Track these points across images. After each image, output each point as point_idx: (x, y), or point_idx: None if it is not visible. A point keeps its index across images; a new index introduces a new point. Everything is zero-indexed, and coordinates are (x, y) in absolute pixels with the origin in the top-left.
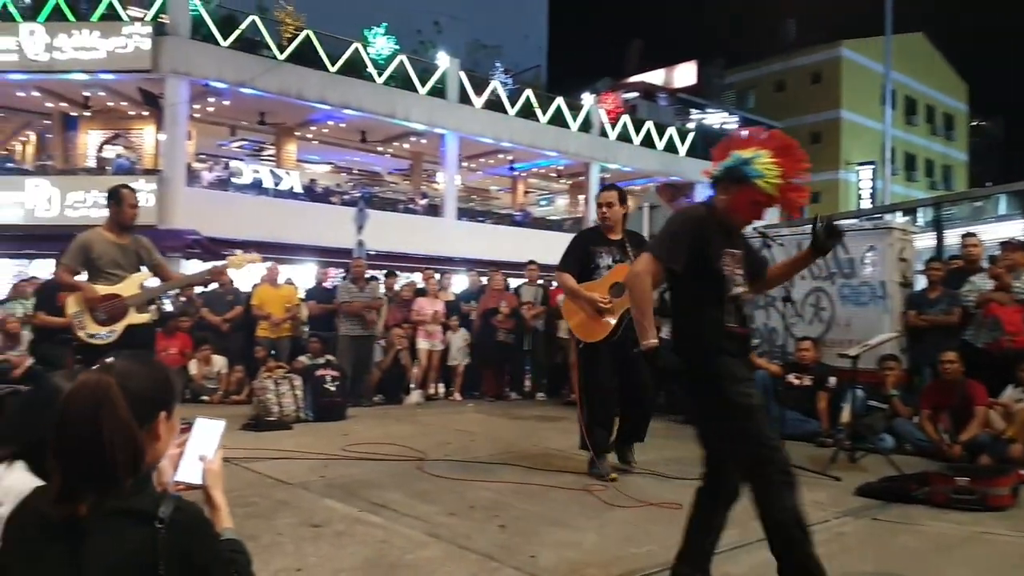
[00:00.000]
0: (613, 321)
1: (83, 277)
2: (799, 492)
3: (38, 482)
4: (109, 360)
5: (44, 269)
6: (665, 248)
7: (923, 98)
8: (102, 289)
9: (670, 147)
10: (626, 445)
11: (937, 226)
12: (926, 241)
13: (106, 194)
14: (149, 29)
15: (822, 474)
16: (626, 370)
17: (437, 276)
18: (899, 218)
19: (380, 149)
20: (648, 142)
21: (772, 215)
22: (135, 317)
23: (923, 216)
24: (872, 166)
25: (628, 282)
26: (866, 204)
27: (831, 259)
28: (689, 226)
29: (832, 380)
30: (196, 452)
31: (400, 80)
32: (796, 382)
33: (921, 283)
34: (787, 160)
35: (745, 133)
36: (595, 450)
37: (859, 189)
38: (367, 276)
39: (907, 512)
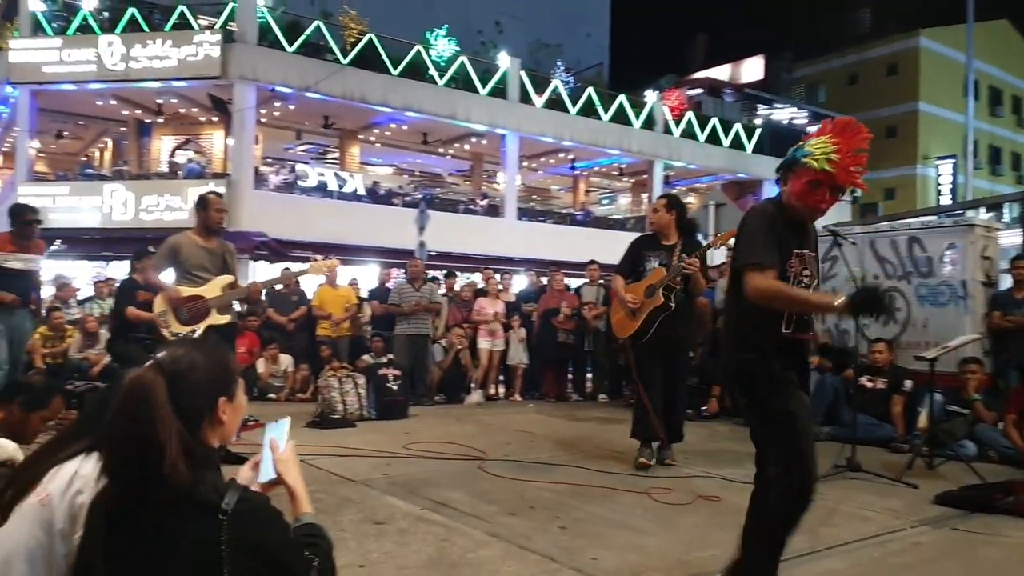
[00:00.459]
0: (639, 321)
1: (170, 278)
2: (808, 509)
3: None
4: (161, 353)
5: (121, 271)
6: (756, 254)
7: (1009, 88)
8: (186, 290)
9: (736, 143)
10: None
11: None
12: (1012, 238)
13: (195, 201)
14: (218, 37)
15: (897, 481)
16: (666, 371)
17: (497, 276)
18: (982, 214)
19: (441, 150)
20: (713, 139)
21: (842, 214)
22: (216, 318)
23: (1009, 212)
24: (953, 160)
25: (767, 301)
26: (946, 200)
27: (906, 257)
28: (765, 221)
29: (908, 383)
30: (269, 452)
31: (461, 81)
32: (869, 385)
33: (1006, 282)
34: (843, 137)
35: (812, 129)
36: (637, 437)
37: (939, 185)
38: (427, 277)
39: (990, 522)
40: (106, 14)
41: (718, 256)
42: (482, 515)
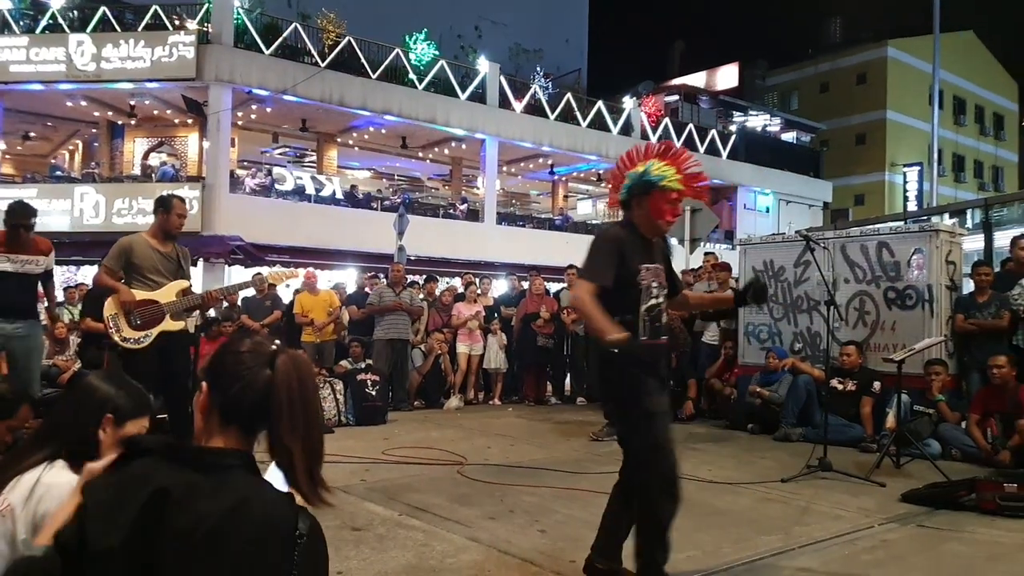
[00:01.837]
0: None
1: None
2: (678, 504)
3: (76, 479)
4: None
5: (91, 275)
6: (589, 269)
7: (972, 97)
8: (140, 294)
9: (712, 150)
10: None
11: (986, 228)
12: (975, 244)
13: (155, 201)
14: (193, 38)
15: (867, 480)
16: None
17: (477, 281)
18: (947, 220)
19: (420, 154)
20: (690, 145)
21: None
22: (170, 324)
23: (972, 218)
24: (919, 167)
25: (575, 307)
26: (912, 206)
27: (876, 262)
28: (608, 243)
29: (877, 385)
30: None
31: (441, 86)
32: (840, 387)
33: (969, 286)
34: (672, 159)
35: (631, 155)
36: None
37: (905, 191)
38: (408, 283)
39: (954, 519)
40: (76, 13)
41: (694, 260)
42: (462, 520)
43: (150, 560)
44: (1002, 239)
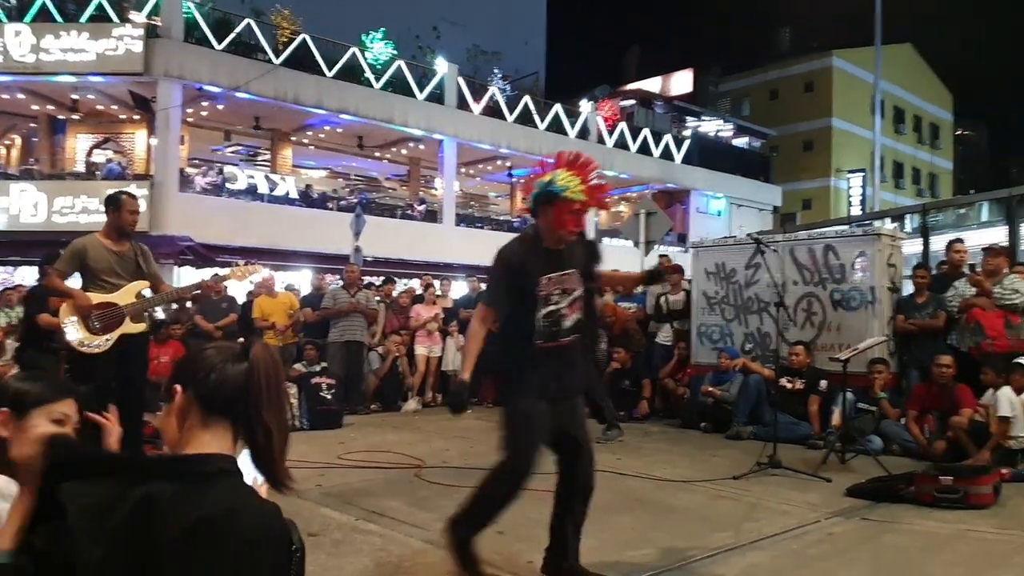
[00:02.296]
0: None
1: (77, 283)
2: (515, 498)
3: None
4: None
5: (30, 277)
6: (488, 294)
7: (911, 108)
8: (96, 297)
9: (666, 154)
10: None
11: (924, 232)
12: (914, 247)
13: (104, 201)
14: (141, 31)
15: (813, 476)
16: None
17: (437, 283)
18: (888, 225)
19: (377, 155)
20: (645, 149)
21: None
22: (130, 327)
23: (911, 223)
24: (862, 174)
25: (469, 332)
26: (856, 211)
27: (822, 264)
28: (504, 267)
29: (823, 384)
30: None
31: (398, 85)
32: (789, 386)
33: (909, 288)
34: (578, 169)
35: (544, 163)
36: None
37: (849, 196)
38: (363, 284)
39: (895, 511)
40: (13, 1)
41: (649, 262)
42: (419, 523)
43: (143, 570)
44: (938, 243)
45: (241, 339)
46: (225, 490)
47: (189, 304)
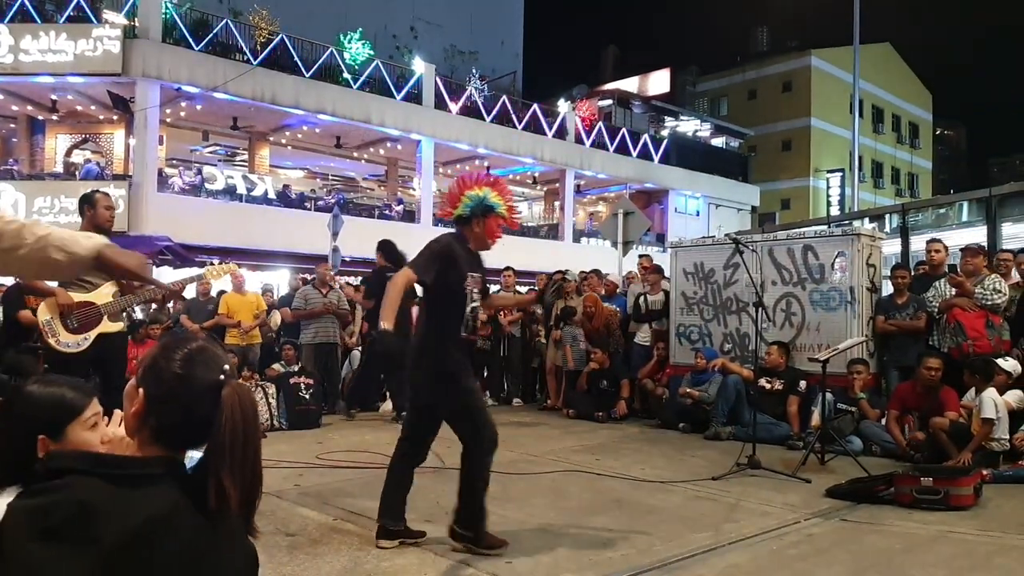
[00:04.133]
0: None
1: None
2: (495, 454)
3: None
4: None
5: (7, 278)
6: (420, 265)
7: (889, 107)
8: (76, 296)
9: (644, 154)
10: None
11: (903, 233)
12: (893, 247)
13: (79, 201)
14: (119, 32)
15: (793, 476)
16: None
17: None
18: (867, 224)
19: (355, 155)
20: (623, 149)
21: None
22: (108, 326)
23: (890, 223)
24: (841, 173)
25: (389, 287)
26: (835, 211)
27: (801, 264)
28: (445, 251)
29: (803, 384)
30: None
31: (376, 86)
32: (768, 386)
33: (888, 288)
34: (502, 191)
35: (466, 178)
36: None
37: (828, 196)
38: (333, 284)
39: (874, 512)
40: None
41: (628, 263)
42: None
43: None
44: (917, 243)
45: (226, 367)
46: (164, 492)
47: (171, 304)
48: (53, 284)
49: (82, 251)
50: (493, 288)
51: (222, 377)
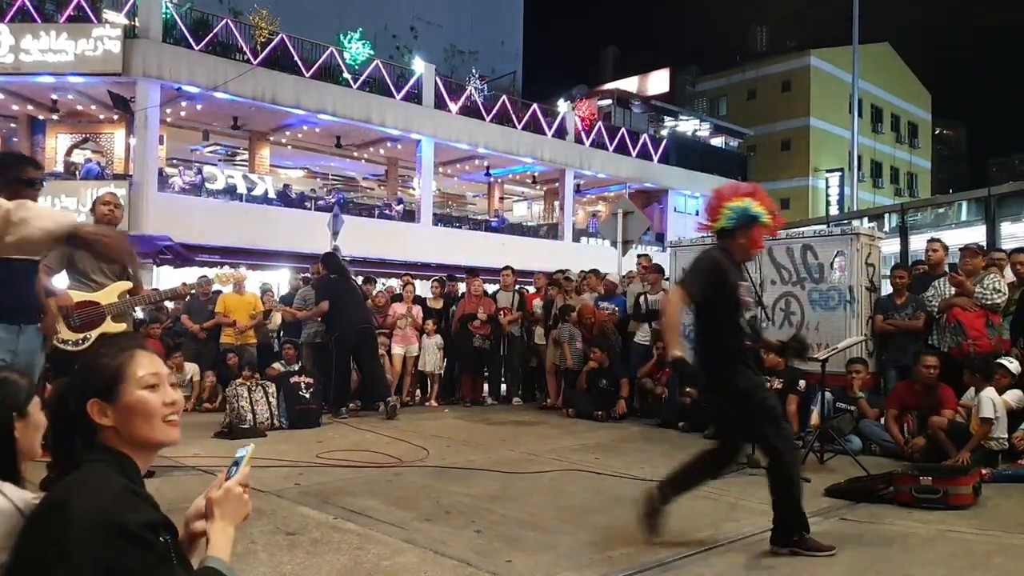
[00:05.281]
0: None
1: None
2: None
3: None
4: None
5: None
6: (691, 283)
7: (889, 107)
8: (78, 295)
9: (644, 154)
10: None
11: (902, 232)
12: (892, 246)
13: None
14: (119, 31)
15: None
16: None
17: (417, 283)
18: (866, 224)
19: (355, 154)
20: (622, 149)
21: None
22: (111, 325)
23: (889, 222)
24: (840, 173)
25: (662, 309)
26: (834, 210)
27: (800, 264)
28: (715, 267)
29: (802, 383)
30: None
31: (376, 85)
32: (767, 385)
33: (888, 288)
34: (763, 200)
35: (724, 190)
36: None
37: (828, 195)
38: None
39: (874, 511)
40: None
41: (627, 263)
42: (397, 522)
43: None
44: (917, 242)
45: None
46: (74, 480)
47: (171, 304)
48: (59, 287)
49: (54, 227)
50: (492, 288)
51: None
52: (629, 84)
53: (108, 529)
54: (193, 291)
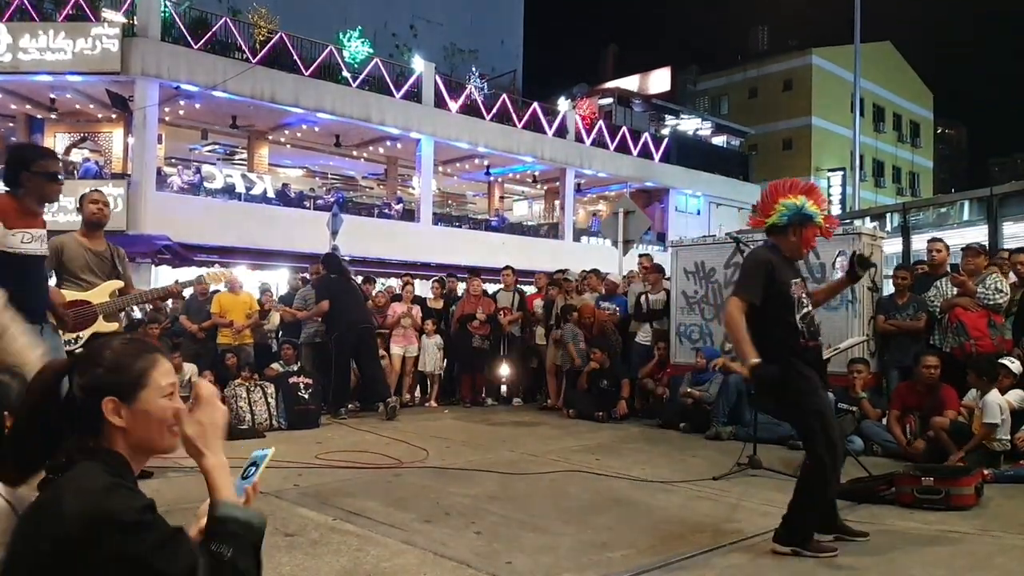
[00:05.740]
0: None
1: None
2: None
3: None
4: None
5: None
6: (742, 288)
7: (890, 106)
8: (70, 294)
9: (645, 153)
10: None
11: (904, 232)
12: (894, 246)
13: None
14: (117, 30)
15: (794, 476)
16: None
17: (417, 283)
18: (868, 223)
19: (355, 153)
20: (623, 148)
21: (743, 222)
22: (103, 325)
23: (891, 222)
24: (842, 172)
25: (726, 321)
26: (836, 210)
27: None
28: (765, 267)
29: None
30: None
31: (375, 84)
32: None
33: (889, 288)
34: (818, 199)
35: (779, 186)
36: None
37: (829, 195)
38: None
39: (875, 512)
40: None
41: (628, 262)
42: (397, 523)
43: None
44: (919, 242)
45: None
46: (67, 478)
47: (168, 304)
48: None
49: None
50: (492, 287)
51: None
52: (630, 83)
53: (104, 522)
54: (185, 288)
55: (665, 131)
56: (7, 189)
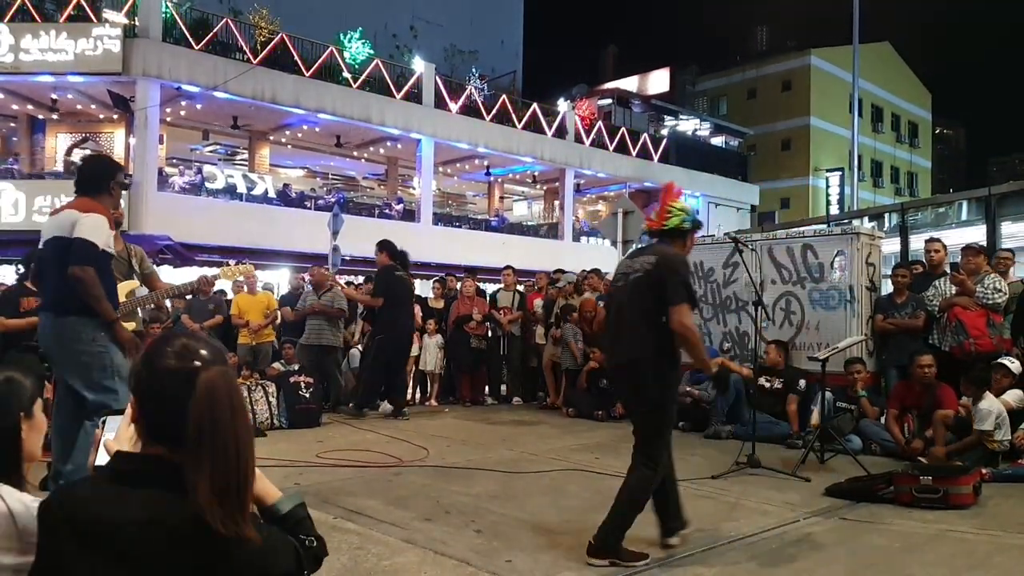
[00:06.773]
0: None
1: None
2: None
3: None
4: None
5: (9, 275)
6: (691, 295)
7: (889, 106)
8: None
9: (644, 153)
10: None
11: (903, 232)
12: (892, 246)
13: None
14: (119, 31)
15: (792, 475)
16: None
17: (417, 283)
18: (866, 223)
19: (355, 154)
20: (622, 148)
21: (742, 222)
22: None
23: (889, 221)
24: (840, 172)
25: (681, 333)
26: (835, 210)
27: (801, 263)
28: (687, 267)
29: (802, 383)
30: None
31: (376, 85)
32: (767, 385)
33: (888, 287)
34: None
35: (675, 188)
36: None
37: (828, 195)
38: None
39: (874, 511)
40: None
41: None
42: (397, 522)
43: (58, 561)
44: (917, 242)
45: (203, 352)
46: (148, 497)
47: (169, 303)
48: None
49: None
50: (492, 287)
51: (196, 364)
52: (629, 83)
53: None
54: (214, 281)
55: (664, 132)
56: (90, 196)
